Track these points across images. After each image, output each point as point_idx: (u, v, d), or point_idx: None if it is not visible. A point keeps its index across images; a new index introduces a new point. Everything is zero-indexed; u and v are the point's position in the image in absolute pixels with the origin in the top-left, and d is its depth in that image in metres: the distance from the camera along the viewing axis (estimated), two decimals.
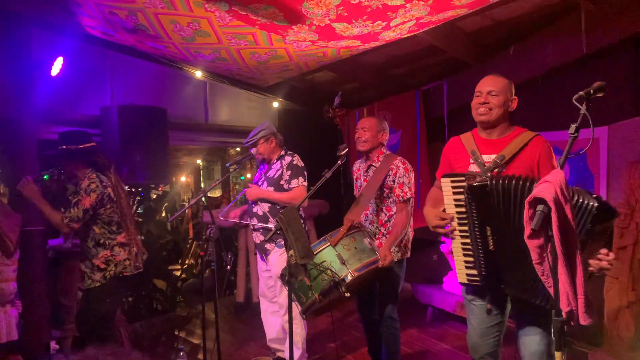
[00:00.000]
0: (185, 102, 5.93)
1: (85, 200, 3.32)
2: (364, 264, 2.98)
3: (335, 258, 2.95)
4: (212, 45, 4.00)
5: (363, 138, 3.51)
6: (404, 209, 3.41)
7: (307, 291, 2.92)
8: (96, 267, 3.42)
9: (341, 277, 2.89)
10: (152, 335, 5.11)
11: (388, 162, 3.44)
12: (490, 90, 2.52)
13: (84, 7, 3.56)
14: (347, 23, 3.28)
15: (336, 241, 3.00)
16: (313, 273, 2.92)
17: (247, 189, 3.98)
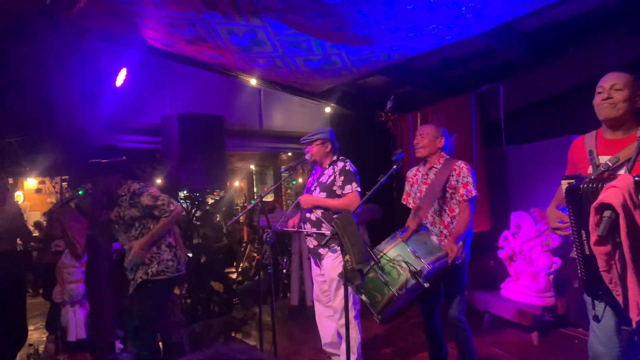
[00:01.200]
0: (240, 109, 6.07)
1: (152, 190, 3.52)
2: (437, 257, 3.04)
3: (409, 253, 3.00)
4: (268, 54, 4.09)
5: (421, 144, 3.57)
6: (467, 208, 3.45)
7: (383, 288, 2.94)
8: (140, 263, 3.53)
9: (418, 269, 2.92)
10: (210, 337, 5.24)
11: (450, 163, 3.50)
12: (613, 84, 2.34)
13: (147, 20, 3.73)
14: (401, 28, 3.28)
15: (407, 237, 3.05)
16: (387, 268, 2.96)
17: (300, 197, 4.02)
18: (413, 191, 3.75)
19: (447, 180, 3.44)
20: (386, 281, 2.93)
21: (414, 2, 2.92)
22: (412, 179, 3.77)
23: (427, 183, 3.58)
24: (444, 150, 3.63)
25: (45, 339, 4.86)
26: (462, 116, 5.39)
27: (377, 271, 2.95)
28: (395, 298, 2.90)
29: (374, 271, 2.97)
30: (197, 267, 5.89)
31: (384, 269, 2.94)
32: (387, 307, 2.97)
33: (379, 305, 2.98)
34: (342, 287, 3.60)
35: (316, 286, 4.15)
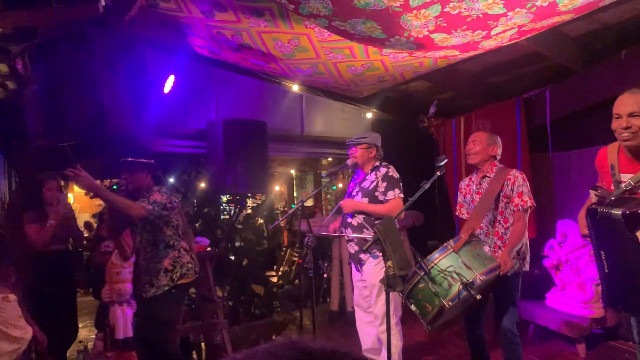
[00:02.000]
0: (282, 115, 6.15)
1: (155, 195, 3.57)
2: (489, 269, 2.97)
3: (460, 263, 2.95)
4: (311, 60, 4.14)
5: (473, 151, 3.49)
6: (522, 217, 3.35)
7: (434, 299, 2.91)
8: (163, 270, 3.57)
9: (469, 280, 2.87)
10: (251, 339, 5.31)
11: (504, 172, 3.41)
12: (631, 112, 2.27)
13: (194, 29, 3.83)
14: (446, 33, 3.26)
15: (459, 247, 3.00)
16: (438, 279, 2.91)
17: (342, 202, 4.03)
18: (466, 202, 3.66)
19: (501, 189, 3.36)
20: (437, 292, 2.88)
21: (469, 9, 2.89)
22: (465, 189, 3.68)
23: (480, 193, 3.49)
24: (498, 158, 3.54)
25: (93, 336, 5.03)
26: (507, 122, 5.29)
27: (427, 282, 2.90)
28: (445, 309, 2.85)
29: (424, 281, 2.92)
30: (238, 270, 5.99)
31: (434, 280, 2.89)
32: (438, 318, 2.93)
33: (429, 316, 2.93)
34: (384, 293, 3.60)
35: (357, 292, 4.15)
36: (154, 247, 3.62)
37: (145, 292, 3.62)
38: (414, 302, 2.99)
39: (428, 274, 2.92)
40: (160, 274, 3.58)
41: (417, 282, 2.94)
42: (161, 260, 3.59)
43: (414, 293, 2.97)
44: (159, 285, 3.58)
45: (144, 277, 3.63)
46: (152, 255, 3.61)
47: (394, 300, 3.62)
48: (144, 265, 3.64)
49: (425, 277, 2.93)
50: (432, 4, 2.84)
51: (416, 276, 2.98)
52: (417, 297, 2.96)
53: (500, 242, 3.41)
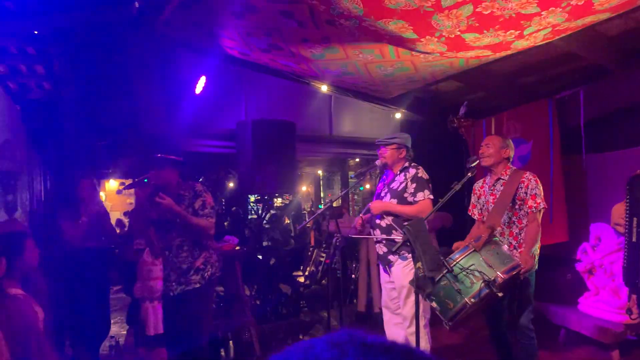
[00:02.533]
0: (311, 116, 6.17)
1: (208, 198, 3.67)
2: (509, 267, 3.02)
3: (482, 262, 2.99)
4: (340, 61, 4.14)
5: (486, 153, 3.59)
6: (535, 219, 3.45)
7: (456, 296, 2.95)
8: (194, 269, 3.63)
9: (491, 278, 2.91)
10: (278, 338, 5.34)
11: (518, 175, 3.50)
12: None
13: (226, 30, 3.88)
14: (478, 33, 3.23)
15: (480, 246, 3.04)
16: (460, 277, 2.96)
17: (371, 204, 4.02)
18: (480, 203, 3.78)
19: (515, 191, 3.45)
20: (459, 289, 2.92)
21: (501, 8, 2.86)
22: (479, 191, 3.80)
23: (494, 194, 3.61)
24: (511, 160, 3.64)
25: (124, 332, 5.13)
26: (539, 123, 5.20)
27: (450, 279, 2.94)
28: (467, 306, 2.89)
29: (446, 279, 2.96)
30: (266, 269, 6.03)
31: (457, 278, 2.94)
32: (459, 315, 2.95)
33: (451, 313, 2.98)
34: (412, 295, 3.59)
35: (385, 293, 4.13)
36: (190, 246, 3.68)
37: (172, 290, 3.68)
38: (436, 299, 3.03)
39: (451, 271, 2.96)
40: (190, 272, 3.64)
41: (440, 280, 2.98)
42: (194, 260, 3.66)
43: (436, 290, 3.01)
44: (188, 282, 3.64)
45: (172, 275, 3.68)
46: (187, 255, 3.67)
47: (423, 302, 3.60)
48: (175, 264, 3.68)
49: (447, 275, 2.97)
50: (464, 4, 2.81)
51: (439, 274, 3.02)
52: (438, 295, 3.00)
53: (515, 242, 3.51)
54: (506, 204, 3.43)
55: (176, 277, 3.67)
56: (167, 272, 3.73)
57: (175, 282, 3.67)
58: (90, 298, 4.28)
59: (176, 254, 3.70)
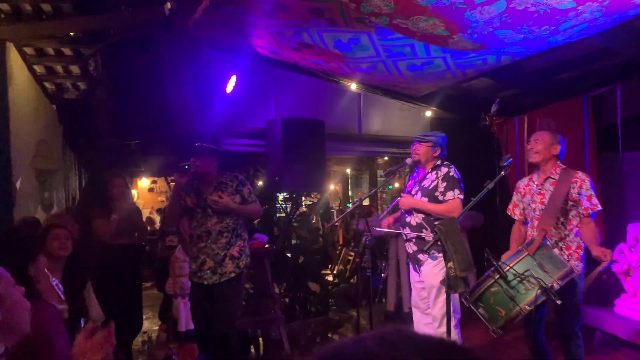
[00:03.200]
0: (340, 114, 6.16)
1: (249, 186, 3.83)
2: (564, 274, 2.91)
3: (536, 267, 2.90)
4: (371, 59, 4.12)
5: (535, 149, 3.44)
6: (591, 221, 3.31)
7: (508, 303, 2.85)
8: (229, 257, 3.68)
9: (548, 285, 2.82)
10: (307, 336, 5.35)
11: (569, 174, 3.35)
12: None
13: (256, 29, 3.90)
14: (512, 30, 3.17)
15: (534, 250, 2.95)
16: (514, 283, 2.86)
17: (400, 198, 3.99)
18: (525, 202, 3.60)
19: (568, 192, 3.29)
20: (512, 296, 2.82)
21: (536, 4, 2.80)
22: (524, 189, 3.62)
23: (542, 194, 3.44)
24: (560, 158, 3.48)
25: (156, 327, 5.22)
26: (573, 120, 5.09)
27: (502, 285, 2.84)
28: (522, 313, 2.79)
29: (498, 285, 2.86)
30: (295, 267, 6.05)
31: (510, 284, 2.83)
32: (512, 322, 2.86)
33: (502, 320, 2.87)
34: (442, 295, 3.55)
35: (414, 292, 4.10)
36: (229, 234, 3.74)
37: (206, 279, 3.72)
38: (484, 306, 2.92)
39: (504, 278, 2.85)
40: (226, 261, 3.70)
41: (490, 286, 2.88)
42: (230, 248, 3.72)
43: (484, 297, 2.91)
44: (223, 272, 3.69)
45: (208, 262, 3.71)
46: (225, 242, 3.73)
47: (453, 302, 3.56)
48: (211, 250, 3.72)
49: (499, 281, 2.87)
50: (497, 0, 2.76)
51: (489, 279, 2.92)
52: (487, 302, 2.89)
53: (562, 244, 3.35)
54: (558, 205, 3.28)
55: (212, 265, 3.71)
56: (203, 259, 3.75)
57: (210, 270, 3.71)
58: (123, 294, 4.36)
59: (215, 240, 3.74)
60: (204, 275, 3.74)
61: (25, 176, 5.35)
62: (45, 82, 6.30)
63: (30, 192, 5.56)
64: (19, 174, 5.15)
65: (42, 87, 6.22)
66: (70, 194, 7.31)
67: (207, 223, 3.76)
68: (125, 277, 4.46)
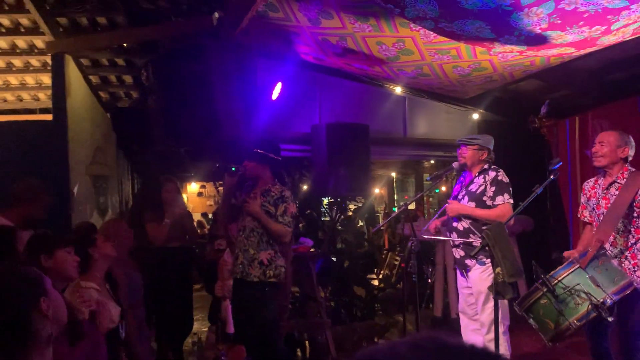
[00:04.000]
0: (384, 118, 6.13)
1: (292, 207, 3.74)
2: (621, 287, 2.78)
3: (588, 280, 2.77)
4: (415, 62, 4.11)
5: (600, 153, 3.22)
6: None
7: (557, 317, 2.77)
8: (258, 261, 3.69)
9: (599, 300, 2.70)
10: (353, 340, 5.35)
11: (637, 179, 3.13)
12: None
13: (301, 36, 3.97)
14: (561, 30, 3.10)
15: (586, 263, 2.81)
16: (563, 296, 2.76)
17: (447, 205, 3.95)
18: (590, 205, 3.41)
19: (634, 198, 3.08)
20: (561, 310, 2.73)
21: (586, 4, 2.74)
22: (590, 192, 3.42)
23: (606, 198, 3.24)
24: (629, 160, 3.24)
25: (206, 329, 5.34)
26: (628, 122, 4.89)
27: (550, 298, 2.75)
28: (571, 328, 2.70)
29: (547, 298, 2.77)
30: (340, 271, 6.07)
31: (558, 297, 2.73)
32: (561, 336, 2.78)
33: (551, 333, 2.80)
34: (490, 301, 3.48)
35: (462, 298, 4.04)
36: (259, 234, 3.77)
37: (238, 272, 3.79)
38: (534, 317, 2.85)
39: (552, 291, 2.76)
40: (254, 263, 3.72)
41: (539, 298, 2.80)
42: (259, 250, 3.73)
43: (534, 308, 2.83)
44: (249, 272, 3.72)
45: (240, 256, 3.79)
46: (255, 241, 3.76)
47: (502, 308, 3.49)
48: (243, 245, 3.79)
49: (547, 294, 2.77)
50: (545, 1, 2.71)
51: (538, 291, 2.84)
52: (537, 313, 2.82)
53: (629, 253, 3.14)
54: (620, 213, 3.08)
55: (243, 261, 3.77)
56: (237, 253, 3.84)
57: (242, 264, 3.77)
58: (174, 296, 4.49)
59: (247, 236, 3.79)
60: (236, 269, 3.82)
61: (82, 182, 5.61)
62: (100, 92, 6.60)
63: (86, 197, 5.82)
64: (77, 180, 5.41)
65: (97, 96, 6.52)
66: (124, 198, 7.60)
67: (246, 219, 3.83)
68: (176, 280, 4.59)
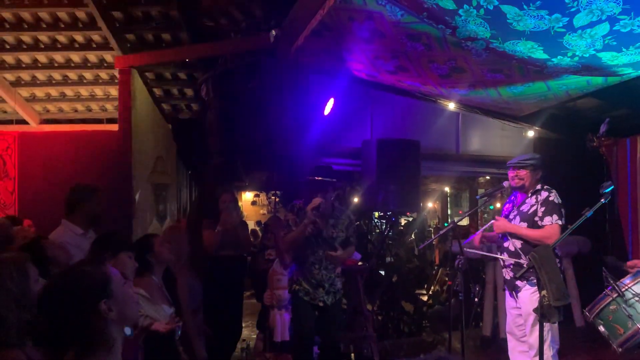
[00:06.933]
0: (436, 134, 6.13)
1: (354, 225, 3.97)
2: None
3: None
4: (467, 81, 4.12)
5: None
6: None
7: (626, 322, 2.87)
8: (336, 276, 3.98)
9: None
10: (399, 355, 5.33)
11: None
12: None
13: (354, 54, 4.07)
14: (617, 52, 3.04)
15: None
16: (631, 302, 2.87)
17: (494, 221, 3.92)
18: None
19: None
20: (630, 314, 2.83)
21: None
22: None
23: None
24: None
25: (254, 336, 5.48)
26: None
27: (620, 304, 2.87)
28: (638, 334, 2.75)
29: (616, 303, 2.89)
30: (388, 286, 6.07)
31: (627, 303, 2.84)
32: (631, 341, 2.82)
33: (620, 338, 2.90)
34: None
35: (510, 319, 3.98)
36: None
37: (324, 301, 3.97)
38: (604, 323, 2.95)
39: (622, 296, 2.86)
40: (336, 280, 3.98)
41: (609, 304, 2.90)
42: (334, 269, 3.99)
43: (603, 314, 2.93)
44: (337, 290, 3.99)
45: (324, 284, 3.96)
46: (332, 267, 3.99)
47: (552, 331, 3.42)
48: (324, 276, 3.97)
49: (617, 299, 2.88)
50: (599, 23, 2.68)
51: (607, 297, 2.94)
52: (606, 319, 2.93)
53: None
54: None
55: (327, 287, 3.97)
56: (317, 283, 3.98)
57: (325, 292, 3.98)
58: (226, 302, 4.65)
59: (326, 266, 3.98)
60: (319, 297, 3.98)
61: (143, 190, 5.91)
62: (163, 104, 6.93)
63: (147, 205, 6.12)
64: (139, 188, 5.71)
65: (160, 108, 6.85)
66: (182, 206, 7.91)
67: (319, 251, 3.98)
68: (227, 287, 4.75)
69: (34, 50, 5.58)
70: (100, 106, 6.91)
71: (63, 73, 6.12)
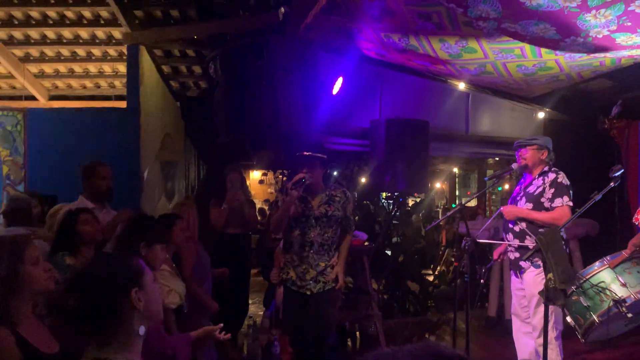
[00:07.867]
0: (446, 114, 6.06)
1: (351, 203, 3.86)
2: None
3: (615, 280, 2.89)
4: (478, 61, 4.07)
5: None
6: None
7: (585, 313, 2.91)
8: (330, 266, 3.72)
9: (621, 297, 2.80)
10: (404, 335, 5.38)
11: None
12: None
13: (363, 33, 4.02)
14: (631, 33, 2.99)
15: (615, 264, 2.93)
16: (590, 293, 2.90)
17: (503, 208, 3.91)
18: None
19: None
20: (588, 306, 2.84)
21: None
22: None
23: None
24: None
25: (261, 312, 5.55)
26: None
27: (579, 295, 2.84)
28: (595, 324, 2.76)
29: (576, 294, 2.87)
30: (394, 266, 6.10)
31: (586, 294, 2.83)
32: (590, 332, 2.84)
33: (582, 329, 2.88)
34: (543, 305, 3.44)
35: (515, 300, 3.99)
36: (330, 246, 3.75)
37: (309, 289, 3.69)
38: (569, 314, 3.00)
39: (580, 287, 2.91)
40: (327, 270, 3.71)
41: (570, 294, 2.92)
42: (329, 259, 3.74)
43: (568, 304, 2.97)
44: (326, 280, 3.69)
45: (310, 272, 3.68)
46: (326, 253, 3.73)
47: (555, 313, 3.43)
48: (313, 261, 3.70)
49: (577, 291, 2.91)
50: (614, 3, 2.63)
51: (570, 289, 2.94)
52: (571, 309, 2.97)
53: None
54: None
55: (315, 275, 3.68)
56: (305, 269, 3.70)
57: (313, 280, 3.68)
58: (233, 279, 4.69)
59: (317, 251, 3.70)
60: (306, 285, 3.71)
61: (151, 167, 5.93)
62: (171, 81, 6.92)
63: (155, 182, 6.15)
64: (147, 165, 5.73)
65: (168, 85, 6.84)
66: (190, 184, 7.95)
67: (311, 233, 3.71)
68: (234, 264, 4.79)
69: (42, 26, 5.57)
70: (109, 83, 6.91)
71: (71, 49, 6.12)
